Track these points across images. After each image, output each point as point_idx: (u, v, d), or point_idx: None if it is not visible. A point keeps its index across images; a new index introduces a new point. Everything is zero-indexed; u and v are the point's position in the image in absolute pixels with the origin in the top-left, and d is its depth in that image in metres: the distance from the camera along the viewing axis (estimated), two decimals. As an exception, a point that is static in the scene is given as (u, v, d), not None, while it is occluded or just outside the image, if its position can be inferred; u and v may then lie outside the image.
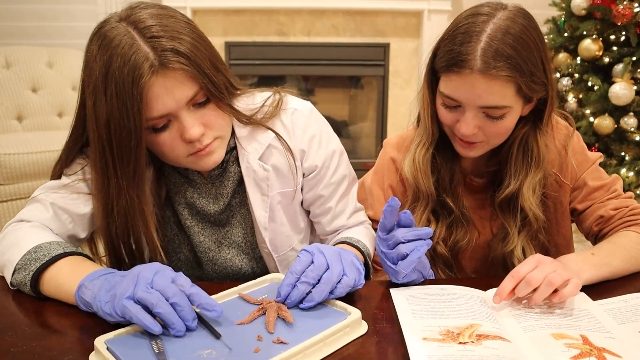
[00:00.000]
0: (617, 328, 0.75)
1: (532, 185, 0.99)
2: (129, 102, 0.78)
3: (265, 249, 1.05)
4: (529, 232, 1.02)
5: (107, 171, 0.85)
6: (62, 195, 0.93)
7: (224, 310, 0.78)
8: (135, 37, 0.79)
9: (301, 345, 0.67)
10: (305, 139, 1.01)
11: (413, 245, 0.82)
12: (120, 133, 0.80)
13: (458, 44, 0.89)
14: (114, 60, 0.78)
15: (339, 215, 1.07)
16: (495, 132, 0.94)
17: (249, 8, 3.31)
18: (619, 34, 2.61)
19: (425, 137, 1.03)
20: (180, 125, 0.84)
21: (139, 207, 0.88)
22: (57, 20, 3.31)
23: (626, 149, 2.61)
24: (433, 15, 3.37)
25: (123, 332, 0.70)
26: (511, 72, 0.87)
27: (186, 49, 0.80)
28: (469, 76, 0.88)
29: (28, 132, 2.86)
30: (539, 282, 0.78)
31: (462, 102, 0.92)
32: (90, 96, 0.82)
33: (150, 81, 0.78)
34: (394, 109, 3.63)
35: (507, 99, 0.90)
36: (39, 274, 0.81)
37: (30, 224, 0.90)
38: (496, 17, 0.89)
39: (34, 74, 2.96)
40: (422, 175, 1.03)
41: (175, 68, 0.80)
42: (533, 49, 0.89)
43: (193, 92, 0.83)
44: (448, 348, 0.67)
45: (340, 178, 1.07)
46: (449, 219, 1.06)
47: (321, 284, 0.77)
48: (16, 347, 0.70)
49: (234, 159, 1.01)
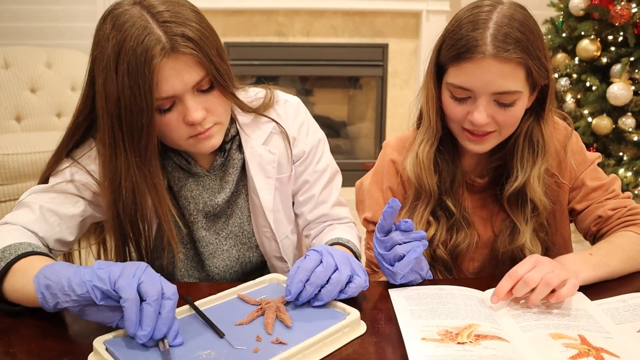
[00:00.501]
0: (615, 328, 0.75)
1: (538, 175, 1.00)
2: (140, 81, 0.81)
3: (267, 233, 1.07)
4: (536, 222, 1.03)
5: (115, 147, 0.87)
6: (51, 197, 0.93)
7: (223, 310, 0.79)
8: (148, 20, 0.82)
9: (300, 345, 0.67)
10: (295, 127, 1.08)
11: (409, 246, 0.83)
12: (131, 110, 0.83)
13: (466, 32, 0.90)
14: (127, 41, 0.81)
15: (322, 204, 1.11)
16: (507, 121, 0.95)
17: (248, 8, 3.31)
18: (617, 35, 2.61)
19: (430, 133, 1.03)
20: (184, 107, 0.87)
21: (151, 181, 0.90)
22: (56, 20, 3.31)
23: (624, 149, 2.61)
24: (432, 16, 3.38)
25: (122, 333, 0.70)
26: (522, 55, 0.88)
27: (195, 36, 0.84)
28: (481, 61, 0.89)
29: (27, 133, 2.86)
30: (536, 282, 0.78)
31: (474, 91, 0.92)
32: (101, 73, 0.84)
33: (162, 63, 0.82)
34: (392, 110, 3.63)
35: (519, 83, 0.91)
36: (3, 276, 0.78)
37: (8, 227, 0.88)
38: (498, 8, 0.92)
39: (33, 75, 2.96)
40: (426, 173, 1.03)
41: (185, 52, 0.83)
42: (537, 35, 0.92)
43: (200, 77, 0.86)
44: (447, 348, 0.67)
45: (324, 166, 1.12)
46: (450, 221, 1.06)
47: (330, 284, 0.77)
48: (15, 348, 0.70)
49: (237, 146, 1.04)
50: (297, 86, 3.79)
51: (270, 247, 1.09)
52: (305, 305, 0.79)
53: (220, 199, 1.04)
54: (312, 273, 0.77)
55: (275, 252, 1.10)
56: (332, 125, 3.89)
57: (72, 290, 0.67)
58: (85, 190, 0.95)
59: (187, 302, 0.78)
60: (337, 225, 1.11)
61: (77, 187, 0.95)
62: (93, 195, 0.96)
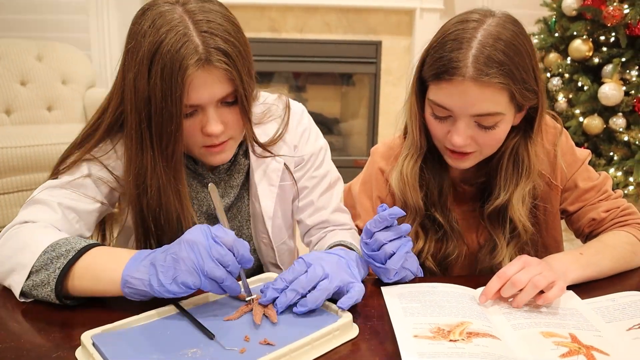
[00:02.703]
0: (605, 326, 0.75)
1: (521, 196, 0.97)
2: (173, 87, 0.81)
3: (265, 239, 1.07)
4: (517, 243, 1.01)
5: (142, 143, 0.86)
6: (68, 193, 0.91)
7: (214, 306, 0.78)
8: (189, 27, 0.81)
9: (287, 347, 0.66)
10: (297, 134, 1.07)
11: (398, 242, 0.83)
12: (161, 114, 0.83)
13: (448, 51, 0.86)
14: (164, 43, 0.80)
15: (321, 210, 1.10)
16: (487, 142, 0.92)
17: (241, 4, 3.29)
18: (609, 35, 2.63)
19: (413, 149, 1.00)
20: (205, 118, 0.87)
21: (175, 187, 0.90)
22: (47, 13, 3.27)
23: (615, 149, 2.63)
24: (425, 14, 3.38)
25: (110, 328, 0.70)
26: (504, 79, 0.84)
27: (232, 52, 0.84)
28: (460, 84, 0.85)
29: (17, 126, 2.84)
30: (524, 283, 0.79)
31: (453, 111, 0.89)
32: (133, 67, 0.83)
33: (195, 73, 0.81)
34: (385, 107, 3.63)
35: (500, 105, 0.87)
36: (67, 271, 0.77)
37: (37, 224, 0.86)
38: (486, 24, 0.87)
39: (23, 67, 2.93)
40: (410, 189, 1.01)
41: (218, 67, 0.82)
42: (524, 56, 0.87)
43: (227, 92, 0.86)
44: (439, 345, 0.68)
45: (324, 172, 1.11)
46: (438, 233, 1.04)
47: (317, 290, 0.76)
48: (4, 344, 0.69)
49: (243, 152, 1.04)
50: (290, 82, 3.78)
51: (267, 253, 1.09)
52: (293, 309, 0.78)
53: (224, 203, 1.03)
54: (294, 281, 0.77)
55: (271, 259, 1.10)
56: (325, 122, 3.89)
57: (175, 294, 0.72)
58: (102, 185, 0.94)
59: (176, 305, 0.77)
60: (338, 231, 1.08)
61: (95, 181, 0.94)
62: (109, 190, 0.96)
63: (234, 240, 0.74)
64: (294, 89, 3.81)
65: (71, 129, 2.49)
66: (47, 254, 0.78)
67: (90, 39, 3.32)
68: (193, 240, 0.72)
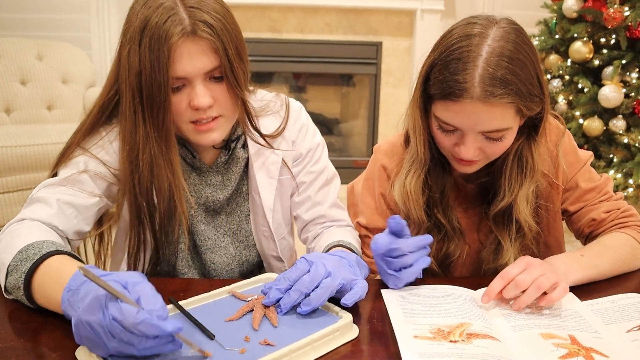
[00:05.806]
0: (604, 328, 0.75)
1: (526, 196, 0.98)
2: (160, 56, 0.84)
3: (266, 233, 1.08)
4: (522, 243, 1.01)
5: (135, 119, 0.89)
6: (65, 189, 0.92)
7: (215, 307, 0.78)
8: (177, 2, 0.86)
9: (287, 348, 0.66)
10: (295, 130, 1.10)
11: (417, 255, 0.84)
12: (150, 84, 0.86)
13: (453, 72, 0.85)
14: (153, 17, 0.85)
15: (318, 205, 1.11)
16: (495, 152, 0.93)
17: (242, 4, 3.29)
18: (609, 37, 2.63)
19: (417, 163, 1.00)
20: (192, 91, 0.89)
21: (167, 156, 0.92)
22: (47, 12, 3.27)
23: (614, 151, 2.63)
24: (426, 15, 3.38)
25: None
26: (512, 98, 0.84)
27: (217, 25, 0.87)
28: (468, 105, 0.85)
29: (17, 125, 2.83)
30: (527, 285, 0.79)
31: (461, 129, 0.89)
32: (126, 45, 0.88)
33: (179, 42, 0.85)
34: (385, 108, 3.64)
35: (508, 121, 0.88)
36: (31, 276, 0.75)
37: (27, 222, 0.86)
38: (489, 38, 0.86)
39: (23, 66, 2.93)
40: (414, 204, 1.00)
41: (203, 37, 0.86)
42: (529, 67, 0.86)
43: (212, 65, 0.88)
44: (439, 346, 0.68)
45: (321, 168, 1.13)
46: (440, 234, 1.04)
47: (320, 288, 0.75)
48: (4, 343, 0.69)
49: (241, 145, 1.05)
50: (290, 83, 3.78)
51: (268, 246, 1.10)
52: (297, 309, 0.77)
53: (222, 195, 1.04)
54: (297, 281, 0.77)
55: (272, 252, 1.11)
56: (325, 123, 3.89)
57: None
58: (99, 180, 0.95)
59: (175, 305, 0.77)
60: (336, 228, 1.09)
61: (91, 176, 0.95)
62: (107, 185, 0.97)
63: (134, 323, 0.59)
64: (294, 89, 3.81)
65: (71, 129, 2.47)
66: (20, 254, 0.77)
67: (90, 38, 3.32)
68: (88, 321, 0.61)
